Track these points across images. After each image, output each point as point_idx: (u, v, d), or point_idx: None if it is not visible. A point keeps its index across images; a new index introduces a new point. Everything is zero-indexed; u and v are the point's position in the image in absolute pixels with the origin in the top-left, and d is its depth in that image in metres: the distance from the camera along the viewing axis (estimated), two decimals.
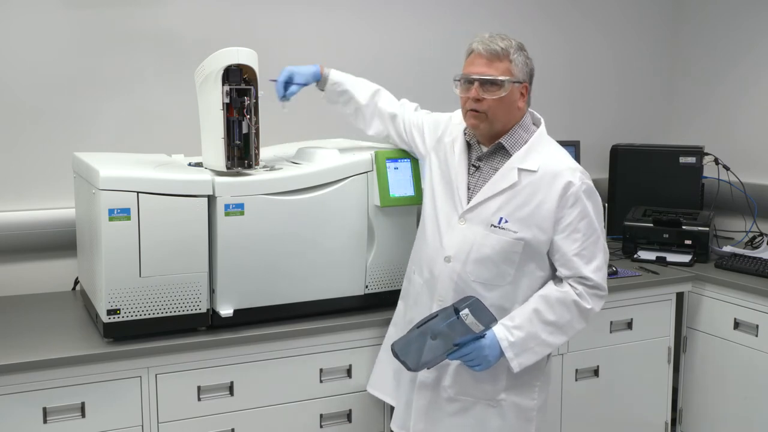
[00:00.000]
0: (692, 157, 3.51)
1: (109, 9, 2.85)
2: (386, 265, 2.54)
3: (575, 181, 2.05)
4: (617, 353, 3.00)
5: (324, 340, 2.43)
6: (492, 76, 2.04)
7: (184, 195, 2.20)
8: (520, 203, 2.06)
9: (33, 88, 2.78)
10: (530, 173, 2.06)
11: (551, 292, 2.08)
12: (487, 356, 2.03)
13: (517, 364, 2.06)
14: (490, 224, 2.07)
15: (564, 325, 2.08)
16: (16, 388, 2.09)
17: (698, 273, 3.12)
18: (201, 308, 2.29)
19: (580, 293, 2.07)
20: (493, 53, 2.05)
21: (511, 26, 3.59)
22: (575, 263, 2.06)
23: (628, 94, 4.02)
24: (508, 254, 2.07)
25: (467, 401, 2.17)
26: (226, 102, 2.23)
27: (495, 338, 2.04)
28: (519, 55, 2.07)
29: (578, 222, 2.05)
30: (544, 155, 2.09)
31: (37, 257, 2.80)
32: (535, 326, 2.06)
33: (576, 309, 2.07)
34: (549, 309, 2.06)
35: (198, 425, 2.31)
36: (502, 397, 2.16)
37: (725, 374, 3.07)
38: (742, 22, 3.76)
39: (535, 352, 2.08)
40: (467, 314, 2.00)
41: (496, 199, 2.08)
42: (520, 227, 2.05)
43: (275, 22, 3.14)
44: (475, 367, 2.05)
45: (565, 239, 2.05)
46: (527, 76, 2.10)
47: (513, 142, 2.11)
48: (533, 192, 2.05)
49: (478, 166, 2.15)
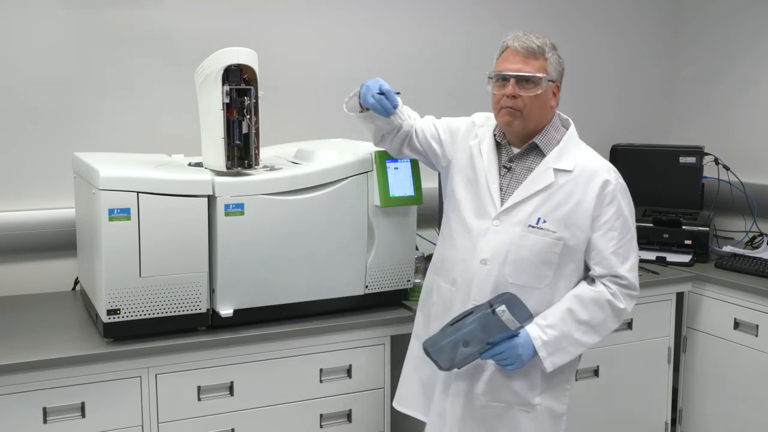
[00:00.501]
0: (692, 157, 3.51)
1: (109, 9, 2.85)
2: (386, 265, 2.54)
3: (611, 179, 2.06)
4: (617, 353, 3.00)
5: (324, 340, 2.43)
6: (529, 72, 2.03)
7: (184, 195, 2.20)
8: (558, 203, 2.04)
9: (33, 88, 2.78)
10: (566, 173, 2.05)
11: (585, 291, 2.06)
12: (521, 355, 2.00)
13: (550, 363, 2.03)
14: (528, 225, 2.04)
15: (597, 325, 2.06)
16: (16, 388, 2.09)
17: (698, 273, 3.12)
18: (201, 308, 2.29)
19: (614, 293, 2.06)
20: (530, 50, 2.04)
21: (511, 26, 3.57)
22: (611, 261, 2.05)
23: (628, 94, 4.02)
24: (547, 255, 2.04)
25: (501, 407, 2.12)
26: (226, 102, 2.23)
27: (528, 337, 2.01)
28: (553, 54, 2.06)
29: (615, 220, 2.05)
30: (578, 155, 2.09)
31: (37, 257, 2.80)
32: (568, 325, 2.03)
33: (610, 309, 2.06)
34: (583, 308, 2.04)
35: (198, 425, 2.31)
36: (536, 401, 2.11)
37: (725, 374, 3.07)
38: (742, 22, 3.76)
39: (569, 352, 2.05)
40: (504, 310, 1.96)
41: (533, 200, 2.05)
42: (559, 227, 2.03)
43: (275, 22, 3.14)
44: (507, 366, 2.02)
45: (601, 237, 2.05)
46: (559, 75, 2.09)
47: (546, 142, 2.09)
48: (570, 192, 2.04)
49: (510, 167, 2.12)
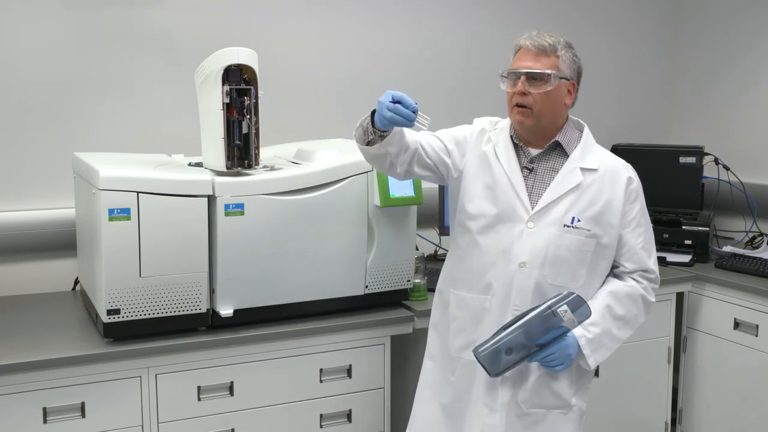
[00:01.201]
0: (692, 157, 3.50)
1: (109, 9, 2.85)
2: (386, 265, 2.54)
3: (633, 177, 2.10)
4: (617, 353, 2.97)
5: (324, 340, 2.43)
6: (538, 69, 2.02)
7: (184, 195, 2.21)
8: (589, 202, 2.05)
9: (33, 88, 2.78)
10: (592, 172, 2.07)
11: (619, 287, 2.09)
12: (571, 355, 2.01)
13: (593, 360, 2.05)
14: (563, 224, 2.04)
15: (631, 320, 2.10)
16: (16, 388, 2.09)
17: (698, 273, 3.12)
18: (201, 308, 2.29)
19: (645, 287, 2.11)
20: (541, 48, 2.04)
21: (511, 26, 3.60)
22: (642, 256, 2.09)
23: (628, 94, 4.01)
24: (582, 254, 2.05)
25: (539, 413, 2.09)
26: (226, 102, 2.23)
27: (574, 336, 2.02)
28: (567, 52, 2.06)
29: (640, 216, 2.10)
30: (598, 154, 2.12)
31: (37, 257, 2.80)
32: (608, 322, 2.06)
33: (642, 303, 2.11)
34: (619, 304, 2.07)
35: (198, 425, 2.31)
36: (573, 402, 2.13)
37: (725, 374, 3.07)
38: (742, 22, 3.76)
39: (609, 348, 2.08)
40: (566, 310, 1.94)
41: (564, 200, 2.05)
42: (592, 225, 2.04)
43: (275, 22, 3.13)
44: (556, 366, 2.01)
45: (631, 233, 2.08)
46: (575, 74, 2.09)
47: (568, 141, 2.09)
48: (599, 190, 2.06)
49: (532, 168, 2.09)
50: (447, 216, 2.88)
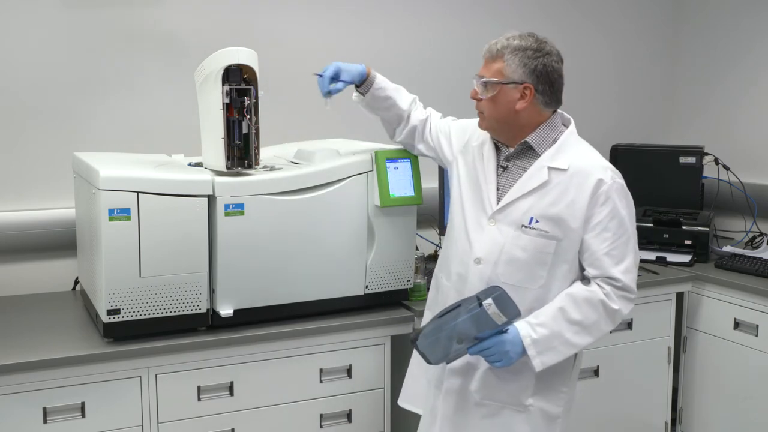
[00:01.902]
0: (692, 157, 3.50)
1: (109, 9, 2.86)
2: (386, 265, 2.54)
3: (606, 179, 2.02)
4: (617, 353, 3.00)
5: (324, 340, 2.43)
6: (483, 76, 2.06)
7: (184, 195, 2.20)
8: (551, 202, 2.01)
9: (33, 88, 2.78)
10: (560, 172, 2.03)
11: (578, 291, 2.03)
12: (508, 352, 1.97)
13: (539, 362, 2.00)
14: (521, 225, 2.03)
15: (590, 326, 2.02)
16: (16, 388, 2.09)
17: (698, 273, 3.12)
18: (201, 308, 2.29)
19: (608, 293, 2.01)
20: (490, 54, 2.06)
21: (511, 26, 3.58)
22: (604, 263, 2.01)
23: (628, 94, 4.02)
24: (540, 255, 2.02)
25: (494, 406, 2.11)
26: (226, 102, 2.23)
27: (518, 335, 1.98)
28: (515, 56, 2.01)
29: (609, 221, 2.01)
30: (574, 154, 2.06)
31: (37, 257, 2.80)
32: (560, 325, 2.00)
33: (603, 309, 2.01)
34: (575, 308, 2.00)
35: (198, 425, 2.31)
36: (529, 402, 2.09)
37: (725, 374, 3.07)
38: (742, 22, 3.76)
39: (559, 352, 2.01)
40: (490, 304, 1.93)
41: (526, 199, 2.04)
42: (552, 227, 2.01)
43: (275, 22, 3.14)
44: (495, 363, 1.99)
45: (594, 238, 2.01)
46: (529, 76, 2.02)
47: (540, 141, 2.07)
48: (564, 191, 2.01)
49: (506, 166, 2.11)
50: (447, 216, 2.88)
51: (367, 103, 2.38)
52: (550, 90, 2.04)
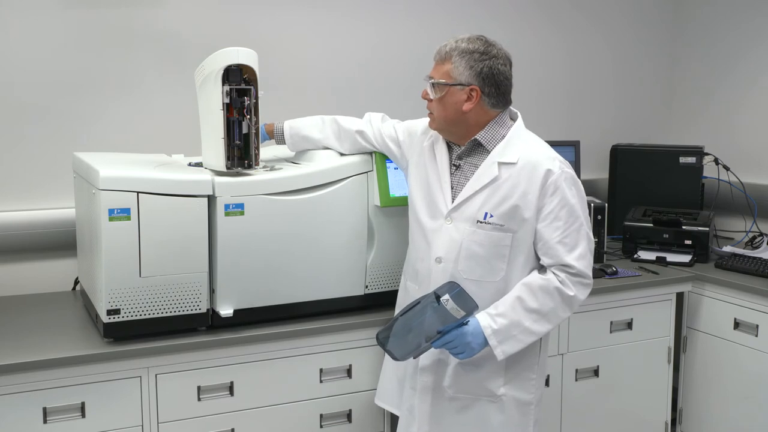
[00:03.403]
0: (692, 157, 3.51)
1: (109, 9, 2.86)
2: (386, 265, 2.54)
3: (555, 169, 2.07)
4: (617, 353, 3.00)
5: (324, 340, 2.43)
6: (430, 77, 2.12)
7: (184, 195, 2.20)
8: (503, 196, 2.07)
9: (33, 88, 2.78)
10: (510, 166, 2.08)
11: (534, 279, 2.09)
12: (470, 343, 2.03)
13: (501, 351, 2.06)
14: (476, 220, 2.09)
15: (548, 313, 2.08)
16: (16, 388, 2.09)
17: (698, 273, 3.12)
18: (201, 308, 2.29)
19: (563, 280, 2.07)
20: (440, 55, 2.12)
21: (511, 26, 3.60)
22: (557, 251, 2.07)
23: (628, 94, 4.02)
24: (497, 248, 2.09)
25: (468, 399, 2.18)
26: (226, 102, 2.23)
27: (479, 326, 2.05)
28: (462, 59, 2.06)
29: (559, 210, 2.06)
30: (523, 147, 2.11)
31: (37, 257, 2.80)
32: (518, 314, 2.06)
33: (559, 296, 2.07)
34: (532, 296, 2.07)
35: (198, 425, 2.31)
36: (501, 392, 2.17)
37: (725, 374, 3.07)
38: (742, 22, 3.76)
39: (519, 340, 2.08)
40: (447, 299, 2.01)
41: (479, 195, 2.10)
42: (506, 220, 2.07)
43: (275, 22, 3.14)
44: (458, 354, 2.05)
45: (546, 227, 2.07)
46: (475, 78, 2.06)
47: (489, 138, 2.12)
48: (515, 184, 2.07)
49: (459, 164, 2.17)
50: None
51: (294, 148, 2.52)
52: (497, 92, 2.09)
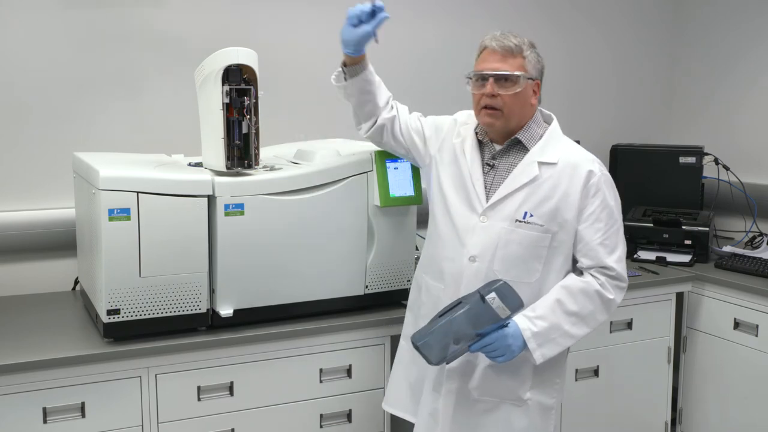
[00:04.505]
0: (692, 157, 3.51)
1: (110, 9, 2.85)
2: (386, 265, 2.54)
3: (596, 170, 2.06)
4: (617, 353, 3.00)
5: (324, 340, 2.43)
6: (507, 71, 2.04)
7: (184, 195, 2.20)
8: (544, 196, 2.04)
9: (33, 88, 2.78)
10: (551, 166, 2.06)
11: (573, 282, 2.06)
12: (510, 346, 1.98)
13: (540, 355, 2.02)
14: (515, 219, 2.05)
15: (586, 316, 2.05)
16: (16, 388, 2.09)
17: (698, 273, 3.12)
18: (201, 308, 2.29)
19: (602, 283, 2.05)
20: (507, 49, 2.05)
21: (511, 26, 3.58)
22: (598, 252, 2.05)
23: (628, 94, 4.02)
24: (535, 249, 2.05)
25: (492, 402, 2.13)
26: (226, 102, 2.23)
27: (518, 329, 2.00)
28: (531, 52, 2.07)
29: (600, 211, 2.05)
30: (561, 148, 2.10)
31: (37, 257, 2.80)
32: (557, 317, 2.03)
33: (599, 299, 2.05)
34: (571, 299, 2.04)
35: (198, 425, 2.31)
36: (527, 396, 2.12)
37: (725, 374, 3.07)
38: (742, 22, 3.76)
39: (558, 344, 2.04)
40: (494, 297, 1.93)
41: (518, 194, 2.06)
42: (546, 220, 2.04)
43: (275, 22, 3.14)
44: (497, 358, 1.99)
45: (588, 228, 2.05)
46: (539, 73, 2.10)
47: (529, 137, 2.10)
48: (555, 184, 2.05)
49: (493, 164, 2.13)
50: None
51: (347, 88, 2.26)
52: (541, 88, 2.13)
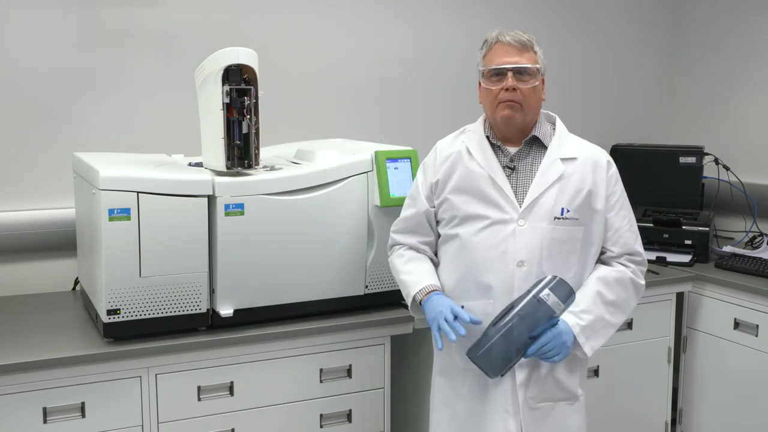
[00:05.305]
0: (692, 157, 3.50)
1: (109, 9, 2.85)
2: (386, 265, 2.52)
3: (611, 161, 2.13)
4: (617, 353, 3.00)
5: (324, 340, 2.43)
6: (528, 64, 2.04)
7: (184, 195, 2.21)
8: (574, 190, 2.05)
9: (33, 88, 2.78)
10: (572, 161, 2.08)
11: (608, 272, 2.09)
12: (566, 342, 1.99)
13: (589, 348, 2.05)
14: (554, 217, 2.04)
15: (622, 304, 2.09)
16: (16, 388, 2.09)
17: (698, 273, 3.12)
18: (201, 308, 2.29)
19: (634, 270, 2.11)
20: (522, 43, 2.06)
21: (511, 26, 3.59)
22: (628, 238, 2.10)
23: (628, 94, 4.02)
24: (573, 243, 2.06)
25: (547, 406, 2.10)
26: (226, 102, 2.23)
27: (568, 325, 2.00)
28: (540, 48, 2.10)
29: (623, 200, 2.13)
30: (574, 143, 2.13)
31: (37, 257, 2.80)
32: (600, 308, 2.05)
33: (633, 287, 2.11)
34: (609, 290, 2.07)
35: (198, 425, 2.31)
36: (580, 392, 2.15)
37: (725, 374, 3.07)
38: (742, 22, 3.76)
39: (602, 335, 2.08)
40: (548, 294, 1.94)
41: (550, 192, 2.05)
42: (581, 213, 2.05)
43: (275, 22, 3.14)
44: (554, 357, 1.98)
45: (616, 216, 2.10)
46: (545, 69, 2.12)
47: (543, 134, 2.11)
48: (582, 178, 2.07)
49: (513, 167, 2.09)
50: None
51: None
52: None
